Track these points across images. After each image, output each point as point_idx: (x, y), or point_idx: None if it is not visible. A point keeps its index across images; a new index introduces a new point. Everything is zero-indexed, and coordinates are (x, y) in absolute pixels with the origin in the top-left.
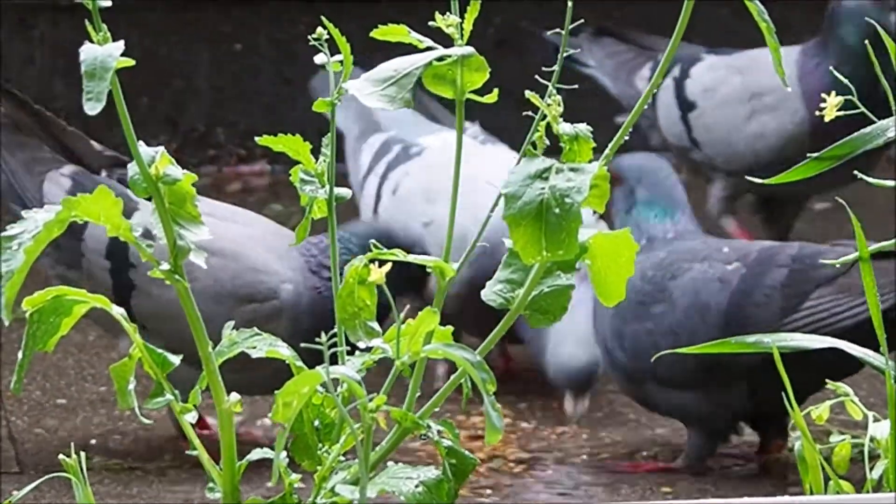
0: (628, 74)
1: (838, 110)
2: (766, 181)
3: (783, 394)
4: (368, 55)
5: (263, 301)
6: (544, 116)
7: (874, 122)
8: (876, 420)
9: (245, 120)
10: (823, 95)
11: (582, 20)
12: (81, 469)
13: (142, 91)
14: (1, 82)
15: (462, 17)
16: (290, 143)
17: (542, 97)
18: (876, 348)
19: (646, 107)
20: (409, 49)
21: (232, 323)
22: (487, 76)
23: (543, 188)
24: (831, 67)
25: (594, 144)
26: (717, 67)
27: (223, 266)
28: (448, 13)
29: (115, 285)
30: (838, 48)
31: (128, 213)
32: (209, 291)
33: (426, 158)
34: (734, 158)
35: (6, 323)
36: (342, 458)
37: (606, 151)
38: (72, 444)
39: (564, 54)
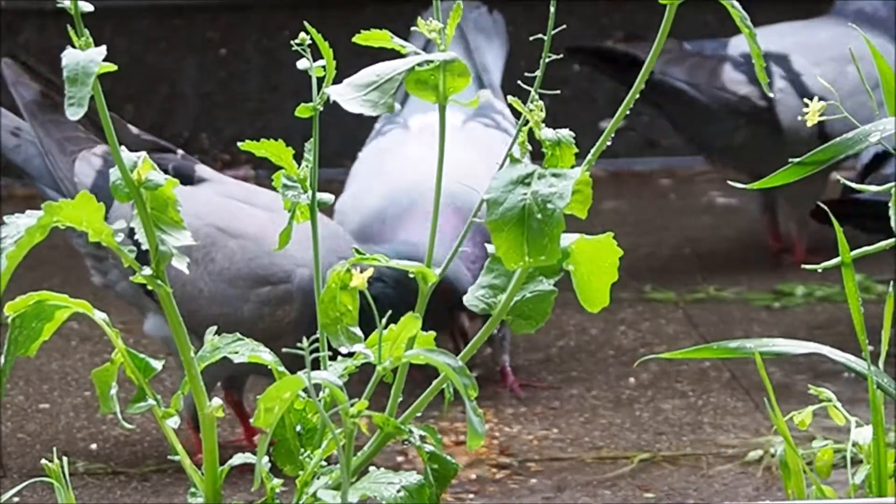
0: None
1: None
2: (747, 186)
3: (766, 398)
4: (354, 61)
5: (277, 283)
6: (527, 121)
7: None
8: (858, 425)
9: (231, 126)
10: (805, 101)
11: (564, 25)
12: (64, 474)
13: (128, 97)
14: (35, 65)
15: (445, 22)
16: (272, 148)
17: (525, 102)
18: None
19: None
20: (397, 54)
21: (214, 328)
22: (470, 81)
23: (525, 194)
24: None
25: (576, 150)
26: (820, 62)
27: (242, 248)
28: (431, 18)
29: (140, 260)
30: None
31: None
32: (225, 274)
33: (381, 141)
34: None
35: None
36: (324, 464)
37: (588, 157)
38: (54, 448)
39: (547, 59)
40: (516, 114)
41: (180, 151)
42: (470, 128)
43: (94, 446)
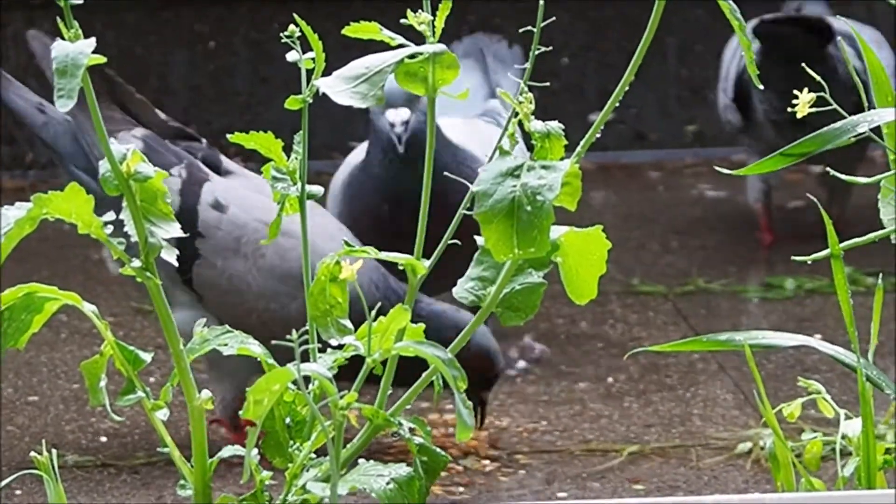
0: None
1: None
2: (735, 172)
3: (755, 390)
4: (343, 53)
5: None
6: (516, 114)
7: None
8: (848, 418)
9: (220, 119)
10: (795, 92)
11: (553, 18)
12: (53, 466)
13: None
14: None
15: (434, 15)
16: (261, 141)
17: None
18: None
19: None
20: (386, 47)
21: (203, 320)
22: (459, 73)
23: (515, 186)
24: None
25: (566, 142)
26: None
27: (293, 247)
28: (420, 11)
29: (180, 252)
30: None
31: (199, 182)
32: (276, 271)
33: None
34: None
35: None
36: (313, 456)
37: (578, 149)
38: (44, 441)
39: (537, 52)
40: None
41: (205, 141)
42: (473, 122)
43: (83, 439)
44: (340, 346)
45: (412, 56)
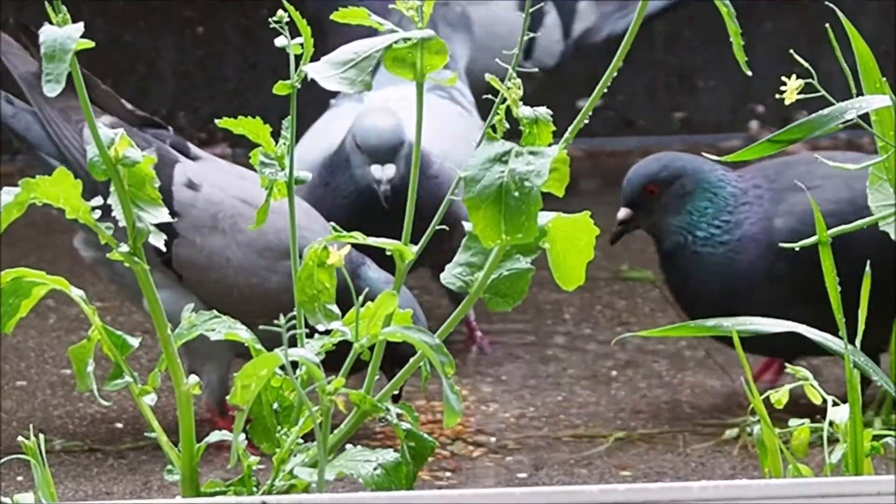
0: None
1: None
2: (723, 158)
3: (742, 376)
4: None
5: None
6: (504, 99)
7: None
8: (835, 404)
9: (209, 104)
10: (784, 79)
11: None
12: (40, 451)
13: (106, 76)
14: (29, 34)
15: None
16: (249, 126)
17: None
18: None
19: None
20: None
21: (192, 305)
22: (448, 59)
23: (503, 171)
24: None
25: (554, 128)
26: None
27: (269, 220)
28: None
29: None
30: None
31: (170, 164)
32: (254, 245)
33: (331, 112)
34: None
35: None
36: (301, 441)
37: (566, 135)
38: (31, 426)
39: (525, 38)
40: (495, 92)
41: (171, 129)
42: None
43: (70, 424)
44: (328, 332)
45: (400, 41)
